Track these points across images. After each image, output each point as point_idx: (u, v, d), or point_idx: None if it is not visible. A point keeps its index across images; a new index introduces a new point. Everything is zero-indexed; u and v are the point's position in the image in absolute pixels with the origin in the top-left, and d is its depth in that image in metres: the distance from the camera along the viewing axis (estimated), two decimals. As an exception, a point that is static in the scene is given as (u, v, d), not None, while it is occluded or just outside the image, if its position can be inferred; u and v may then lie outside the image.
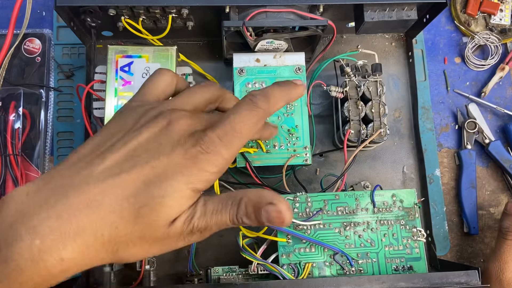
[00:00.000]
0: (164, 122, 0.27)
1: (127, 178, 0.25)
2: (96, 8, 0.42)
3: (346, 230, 0.41)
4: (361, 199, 0.42)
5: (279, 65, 0.46)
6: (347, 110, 0.46)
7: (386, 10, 0.45)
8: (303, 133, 0.44)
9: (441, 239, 0.51)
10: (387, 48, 0.54)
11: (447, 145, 0.55)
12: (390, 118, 0.52)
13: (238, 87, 0.45)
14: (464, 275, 0.39)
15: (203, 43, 0.53)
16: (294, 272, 0.40)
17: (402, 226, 0.42)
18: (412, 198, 0.42)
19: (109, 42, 0.51)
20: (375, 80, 0.47)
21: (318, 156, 0.51)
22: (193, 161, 0.26)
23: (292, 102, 0.45)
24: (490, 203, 0.53)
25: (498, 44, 0.56)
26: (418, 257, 0.41)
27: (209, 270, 0.42)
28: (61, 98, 0.52)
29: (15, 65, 0.52)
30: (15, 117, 0.50)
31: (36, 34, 0.53)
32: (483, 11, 0.56)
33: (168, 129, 0.27)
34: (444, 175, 0.54)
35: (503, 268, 0.45)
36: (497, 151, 0.53)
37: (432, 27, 0.57)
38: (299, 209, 0.41)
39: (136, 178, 0.25)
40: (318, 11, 0.44)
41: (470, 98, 0.56)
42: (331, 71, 0.50)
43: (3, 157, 0.48)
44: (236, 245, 0.40)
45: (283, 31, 0.44)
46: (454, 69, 0.57)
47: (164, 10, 0.43)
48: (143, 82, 0.33)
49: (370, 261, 0.41)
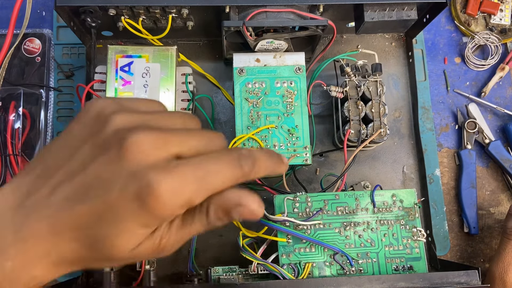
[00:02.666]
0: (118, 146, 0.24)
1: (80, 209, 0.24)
2: (96, 8, 0.42)
3: (346, 230, 0.41)
4: (361, 199, 0.42)
5: (279, 65, 0.46)
6: (347, 110, 0.46)
7: (386, 10, 0.45)
8: (303, 133, 0.44)
9: (441, 239, 0.51)
10: (387, 48, 0.54)
11: (447, 145, 0.55)
12: (390, 118, 0.52)
13: (238, 87, 0.45)
14: (464, 275, 0.39)
15: (203, 43, 0.53)
16: (294, 272, 0.40)
17: (402, 226, 0.42)
18: (412, 198, 0.42)
19: (109, 42, 0.51)
20: (375, 80, 0.47)
21: (318, 156, 0.51)
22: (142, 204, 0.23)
23: (292, 102, 0.45)
24: (490, 203, 0.53)
25: (498, 44, 0.56)
26: (418, 257, 0.41)
27: (209, 270, 0.42)
28: (61, 98, 0.52)
29: (15, 65, 0.52)
30: (15, 117, 0.50)
31: (36, 34, 0.53)
32: (483, 11, 0.56)
33: (121, 155, 0.24)
34: (444, 175, 0.54)
35: (507, 269, 0.44)
36: (497, 151, 0.53)
37: (432, 27, 0.57)
38: (299, 209, 0.41)
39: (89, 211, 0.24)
40: (318, 11, 0.44)
41: (470, 98, 0.56)
42: (331, 71, 0.50)
43: (3, 157, 0.48)
44: (236, 245, 0.40)
45: (283, 31, 0.44)
46: (454, 69, 0.57)
47: (164, 10, 0.43)
48: (143, 82, 0.32)
49: (370, 261, 0.41)
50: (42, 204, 0.24)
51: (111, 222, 0.24)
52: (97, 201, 0.24)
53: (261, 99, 0.45)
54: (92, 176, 0.24)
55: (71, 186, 0.24)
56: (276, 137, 0.44)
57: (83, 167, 0.24)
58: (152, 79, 0.45)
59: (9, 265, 0.23)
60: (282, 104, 0.45)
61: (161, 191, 0.23)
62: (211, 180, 0.25)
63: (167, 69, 0.45)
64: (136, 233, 0.25)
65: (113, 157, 0.24)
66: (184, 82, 0.47)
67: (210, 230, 0.28)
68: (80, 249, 0.25)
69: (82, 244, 0.24)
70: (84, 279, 0.44)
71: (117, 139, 0.24)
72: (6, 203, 0.24)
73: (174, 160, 0.25)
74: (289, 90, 0.45)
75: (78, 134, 0.26)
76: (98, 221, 0.24)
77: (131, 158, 0.24)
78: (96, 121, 0.26)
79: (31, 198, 0.24)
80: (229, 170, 0.25)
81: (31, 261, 0.24)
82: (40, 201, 0.24)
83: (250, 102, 0.44)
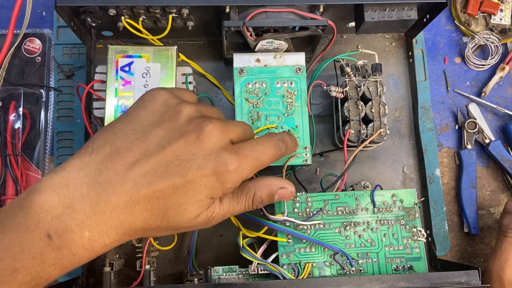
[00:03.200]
0: (198, 132, 0.29)
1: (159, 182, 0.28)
2: (96, 8, 0.42)
3: (346, 230, 0.41)
4: (361, 199, 0.42)
5: (279, 65, 0.46)
6: (347, 110, 0.46)
7: (386, 10, 0.45)
8: (303, 133, 0.44)
9: (441, 239, 0.51)
10: (387, 48, 0.54)
11: (447, 145, 0.55)
12: (390, 118, 0.52)
13: (238, 87, 0.45)
14: (464, 275, 0.39)
15: (203, 43, 0.53)
16: (294, 272, 0.40)
17: (402, 226, 0.42)
18: (412, 198, 0.42)
19: (109, 42, 0.51)
20: (375, 80, 0.47)
21: (318, 156, 0.51)
22: (218, 177, 0.29)
23: (292, 103, 0.45)
24: (490, 203, 0.53)
25: (498, 44, 0.56)
26: (418, 257, 0.41)
27: (209, 270, 0.42)
28: (61, 98, 0.52)
29: (15, 65, 0.52)
30: (15, 117, 0.50)
31: (36, 34, 0.53)
32: (483, 11, 0.56)
33: (200, 139, 0.29)
34: (444, 175, 0.54)
35: (504, 266, 0.44)
36: (497, 151, 0.53)
37: (432, 27, 0.57)
38: (299, 209, 0.41)
39: (167, 184, 0.28)
40: (318, 11, 0.44)
41: (470, 98, 0.56)
42: (331, 71, 0.50)
43: (3, 157, 0.48)
44: (236, 245, 0.40)
45: (283, 31, 0.44)
46: (454, 69, 0.57)
47: (164, 10, 0.43)
48: (143, 82, 0.34)
49: (370, 261, 0.41)
50: (118, 180, 0.27)
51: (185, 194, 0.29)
52: (176, 176, 0.28)
53: (261, 99, 0.45)
54: (171, 156, 0.28)
55: (149, 164, 0.28)
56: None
57: (160, 148, 0.29)
58: (152, 79, 0.45)
59: (87, 235, 0.26)
60: (282, 104, 0.45)
61: (233, 167, 0.29)
62: (262, 159, 0.32)
63: (167, 69, 0.45)
64: (203, 203, 0.30)
65: (191, 141, 0.29)
66: (184, 82, 0.47)
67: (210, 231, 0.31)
68: (150, 219, 0.28)
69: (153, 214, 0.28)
70: (84, 279, 0.44)
71: (193, 126, 0.30)
72: (76, 180, 0.27)
73: (236, 144, 0.32)
74: (289, 90, 0.45)
75: (147, 119, 0.30)
76: (173, 193, 0.28)
77: (208, 142, 0.29)
78: (166, 109, 0.31)
79: (105, 175, 0.27)
80: (272, 151, 0.33)
81: (106, 231, 0.27)
82: (115, 177, 0.27)
83: (250, 102, 0.44)
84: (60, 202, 0.26)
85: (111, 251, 0.44)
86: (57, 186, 0.26)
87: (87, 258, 0.27)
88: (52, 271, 0.26)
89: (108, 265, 0.43)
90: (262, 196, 0.34)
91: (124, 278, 0.46)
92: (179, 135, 0.29)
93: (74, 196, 0.26)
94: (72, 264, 0.27)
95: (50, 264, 0.26)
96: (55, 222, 0.25)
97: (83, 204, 0.26)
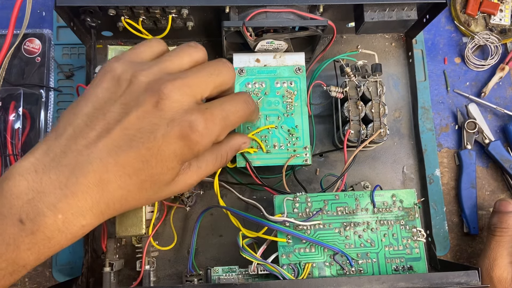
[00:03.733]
0: (155, 99, 0.28)
1: (126, 158, 0.27)
2: (96, 8, 0.42)
3: (346, 230, 0.41)
4: (361, 199, 0.42)
5: (279, 65, 0.46)
6: (347, 110, 0.46)
7: (386, 10, 0.45)
8: (303, 133, 0.44)
9: (441, 239, 0.51)
10: (387, 48, 0.54)
11: (447, 145, 0.55)
12: (390, 118, 0.52)
13: (238, 87, 0.45)
14: (464, 275, 0.39)
15: (203, 43, 0.52)
16: (294, 272, 0.40)
17: (402, 226, 0.42)
18: (412, 198, 0.42)
19: (109, 42, 0.51)
20: (375, 80, 0.47)
21: (318, 156, 0.51)
22: (185, 142, 0.28)
23: (292, 103, 0.45)
24: (490, 203, 0.53)
25: (498, 44, 0.56)
26: (418, 257, 0.41)
27: (209, 270, 0.42)
28: (61, 98, 0.52)
29: (15, 65, 0.52)
30: (15, 117, 0.50)
31: (36, 34, 0.53)
32: (483, 11, 0.56)
33: (159, 107, 0.28)
34: (444, 175, 0.54)
35: (493, 265, 0.45)
36: (497, 151, 0.53)
37: (432, 27, 0.57)
38: (299, 209, 0.41)
39: (135, 158, 0.27)
40: (318, 11, 0.44)
41: (470, 98, 0.56)
42: (331, 71, 0.50)
43: (3, 157, 0.48)
44: (236, 245, 0.40)
45: (283, 31, 0.44)
46: (454, 69, 0.57)
47: (164, 10, 0.43)
48: None
49: (370, 261, 0.41)
50: (83, 161, 0.27)
51: (156, 165, 0.28)
52: (142, 149, 0.27)
53: (261, 99, 0.45)
54: (133, 129, 0.28)
55: (111, 141, 0.27)
56: (276, 137, 0.44)
57: (119, 123, 0.28)
58: (152, 79, 0.45)
59: (60, 218, 0.26)
60: (282, 104, 0.45)
61: (200, 128, 0.28)
62: (232, 118, 0.31)
63: (167, 69, 0.45)
64: (176, 170, 0.30)
65: (149, 110, 0.28)
66: (184, 82, 0.47)
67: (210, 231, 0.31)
68: (128, 195, 0.28)
69: (129, 191, 0.28)
70: (84, 279, 0.44)
71: (149, 94, 0.28)
72: (44, 164, 0.27)
73: (201, 103, 0.30)
74: (289, 90, 0.45)
75: (103, 97, 0.29)
76: (144, 167, 0.28)
77: (168, 109, 0.28)
78: (119, 83, 0.29)
79: (70, 157, 0.27)
80: (242, 109, 0.32)
81: (81, 212, 0.27)
82: (80, 158, 0.27)
83: (250, 102, 0.44)
84: (30, 187, 0.26)
85: (111, 251, 0.44)
86: (25, 172, 0.26)
87: (64, 241, 0.27)
88: (29, 257, 0.26)
89: (108, 265, 0.43)
90: (231, 151, 0.36)
91: (124, 278, 0.46)
92: (136, 107, 0.28)
93: (43, 181, 0.26)
94: (49, 248, 0.26)
95: (25, 249, 0.26)
96: (26, 207, 0.26)
97: (52, 188, 0.26)
